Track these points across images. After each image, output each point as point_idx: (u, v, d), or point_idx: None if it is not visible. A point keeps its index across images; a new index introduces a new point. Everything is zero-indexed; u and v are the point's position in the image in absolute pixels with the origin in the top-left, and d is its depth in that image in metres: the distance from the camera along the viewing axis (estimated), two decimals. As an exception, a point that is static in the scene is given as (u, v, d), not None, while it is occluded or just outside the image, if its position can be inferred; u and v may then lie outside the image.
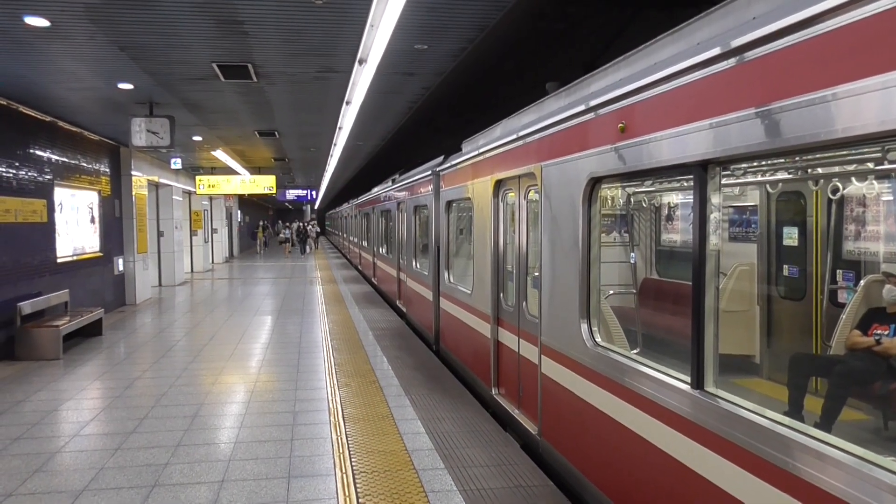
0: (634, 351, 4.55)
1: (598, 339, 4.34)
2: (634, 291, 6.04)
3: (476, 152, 7.10)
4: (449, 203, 8.78)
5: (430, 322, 9.81)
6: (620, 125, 3.85)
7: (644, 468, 3.63)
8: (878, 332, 3.95)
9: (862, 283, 4.45)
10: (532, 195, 5.60)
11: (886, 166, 3.87)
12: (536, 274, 5.35)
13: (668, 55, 3.55)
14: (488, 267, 6.62)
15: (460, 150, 8.34)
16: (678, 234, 6.79)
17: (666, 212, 7.00)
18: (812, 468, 2.41)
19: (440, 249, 9.15)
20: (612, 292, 5.39)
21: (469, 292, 7.50)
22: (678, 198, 6.67)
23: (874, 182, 4.27)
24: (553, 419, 4.99)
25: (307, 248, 37.13)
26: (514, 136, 5.76)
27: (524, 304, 5.84)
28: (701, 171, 3.13)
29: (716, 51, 2.95)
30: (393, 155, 18.28)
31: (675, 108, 3.32)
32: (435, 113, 11.99)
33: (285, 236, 37.61)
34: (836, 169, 4.37)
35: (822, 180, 4.74)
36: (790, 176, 4.89)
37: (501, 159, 6.23)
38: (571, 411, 4.60)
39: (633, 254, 6.57)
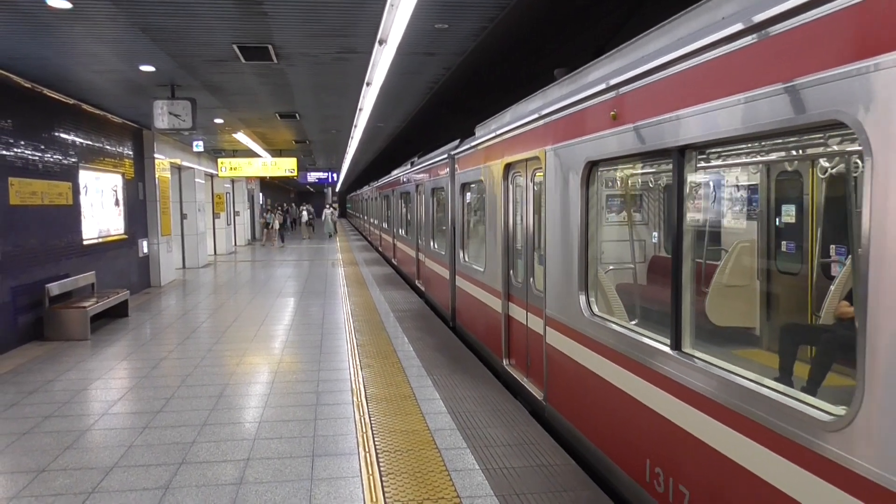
0: (633, 322, 4.68)
1: (595, 310, 4.72)
2: (632, 267, 6.09)
3: (488, 137, 7.43)
4: (463, 185, 9.12)
5: (446, 300, 10.23)
6: (612, 113, 4.20)
7: (632, 424, 4.02)
8: None
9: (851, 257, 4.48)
10: (538, 177, 5.92)
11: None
12: (542, 252, 5.68)
13: (654, 49, 3.83)
14: (499, 246, 7.02)
15: (474, 134, 8.57)
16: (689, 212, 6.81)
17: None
18: (767, 413, 2.76)
19: (456, 230, 9.56)
20: (611, 267, 5.60)
21: (482, 270, 7.88)
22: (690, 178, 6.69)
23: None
24: (556, 385, 5.39)
25: (283, 237, 30.45)
26: (522, 122, 6.09)
27: (531, 279, 6.19)
28: (679, 156, 3.49)
29: (688, 48, 3.29)
30: (413, 136, 18.25)
31: (657, 99, 3.65)
32: (455, 93, 11.92)
33: (268, 221, 30.03)
34: (820, 150, 4.38)
35: (817, 160, 4.75)
36: (785, 156, 4.90)
37: (510, 144, 6.55)
38: (572, 376, 5.02)
39: (655, 233, 6.57)
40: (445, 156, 10.17)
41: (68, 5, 5.79)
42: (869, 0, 2.23)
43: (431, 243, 11.94)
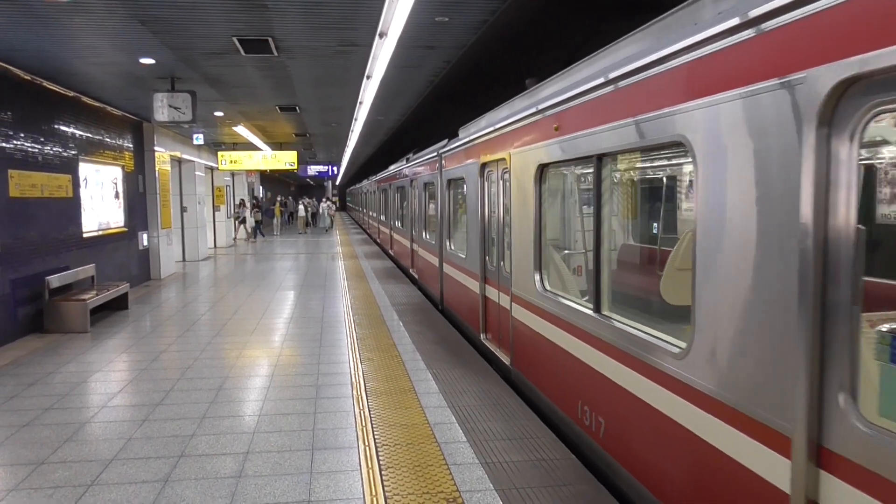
0: (584, 298, 5.36)
1: (547, 286, 5.72)
2: (584, 252, 6.45)
3: (468, 139, 8.45)
4: (449, 181, 10.23)
5: (436, 285, 11.35)
6: (555, 126, 5.17)
7: (569, 374, 5.02)
8: None
9: None
10: (506, 176, 6.85)
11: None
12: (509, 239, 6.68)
13: (583, 76, 4.84)
14: (477, 235, 8.02)
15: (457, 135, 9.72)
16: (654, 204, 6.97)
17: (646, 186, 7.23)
18: (647, 351, 3.76)
19: (443, 221, 10.67)
20: (566, 251, 6.20)
21: (464, 257, 8.96)
22: (657, 174, 6.86)
23: None
24: (519, 350, 6.40)
25: (257, 231, 28.76)
26: (493, 128, 7.05)
27: (502, 263, 7.15)
28: (598, 161, 4.49)
29: (597, 81, 4.31)
30: (413, 130, 18.20)
31: (583, 117, 4.63)
32: (456, 87, 11.88)
33: (241, 214, 27.60)
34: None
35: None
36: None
37: (485, 146, 7.53)
38: (529, 342, 6.05)
39: (655, 224, 6.74)
40: (435, 154, 11.18)
41: (67, -3, 5.77)
42: (693, 61, 3.21)
43: (424, 234, 12.92)
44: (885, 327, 2.46)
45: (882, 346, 2.45)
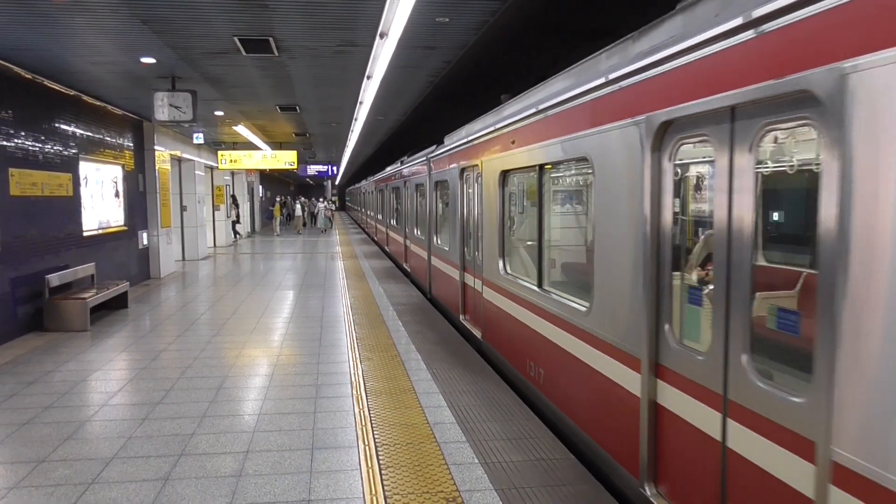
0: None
1: (508, 270, 6.94)
2: (533, 243, 6.95)
3: (450, 146, 9.74)
4: (437, 183, 11.44)
5: (425, 276, 12.55)
6: (512, 140, 6.34)
7: (521, 338, 6.21)
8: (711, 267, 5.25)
9: (702, 236, 5.36)
10: (479, 180, 7.92)
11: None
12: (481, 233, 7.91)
13: (533, 101, 5.89)
14: (458, 230, 9.24)
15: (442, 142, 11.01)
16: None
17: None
18: (568, 313, 5.00)
19: (431, 218, 11.86)
20: (529, 242, 6.89)
21: (448, 249, 10.13)
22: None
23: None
24: (488, 325, 7.58)
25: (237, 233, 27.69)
26: (469, 139, 8.31)
27: (476, 253, 8.23)
28: (539, 171, 5.79)
29: (533, 109, 5.62)
30: (413, 129, 18.22)
31: (530, 135, 5.81)
32: (456, 87, 11.90)
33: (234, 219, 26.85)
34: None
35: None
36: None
37: (463, 154, 8.76)
38: (495, 316, 7.26)
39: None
40: (424, 158, 12.36)
41: (69, -4, 5.77)
42: (593, 100, 4.42)
43: (415, 230, 14.06)
44: (707, 288, 3.39)
45: (685, 294, 3.62)
